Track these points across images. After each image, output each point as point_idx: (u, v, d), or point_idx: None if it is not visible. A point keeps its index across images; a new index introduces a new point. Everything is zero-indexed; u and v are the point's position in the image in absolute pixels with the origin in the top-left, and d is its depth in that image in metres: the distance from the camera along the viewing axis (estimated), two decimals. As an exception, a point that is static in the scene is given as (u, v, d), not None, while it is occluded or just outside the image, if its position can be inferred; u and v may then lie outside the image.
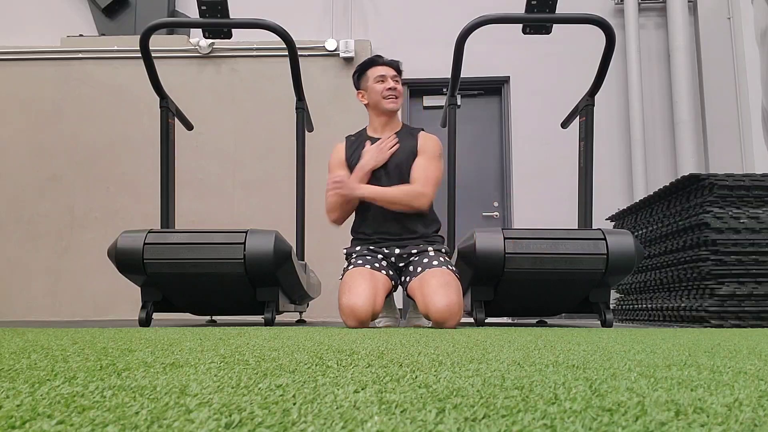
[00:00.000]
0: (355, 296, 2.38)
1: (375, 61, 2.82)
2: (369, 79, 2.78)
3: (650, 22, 5.67)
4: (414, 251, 2.66)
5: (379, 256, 2.67)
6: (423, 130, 2.86)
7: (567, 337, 1.73)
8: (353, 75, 2.87)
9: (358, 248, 2.73)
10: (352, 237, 2.83)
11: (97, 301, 5.17)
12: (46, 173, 5.36)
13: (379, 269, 2.60)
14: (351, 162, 2.76)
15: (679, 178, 3.71)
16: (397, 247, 2.67)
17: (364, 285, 2.44)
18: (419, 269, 2.58)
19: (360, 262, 2.62)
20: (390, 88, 2.74)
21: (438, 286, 2.40)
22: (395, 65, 2.85)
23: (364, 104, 2.84)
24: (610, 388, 0.66)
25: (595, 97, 3.21)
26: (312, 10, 5.76)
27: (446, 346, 1.32)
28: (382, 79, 2.77)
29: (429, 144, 2.74)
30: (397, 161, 2.72)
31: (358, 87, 2.86)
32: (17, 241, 5.28)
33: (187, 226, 4.94)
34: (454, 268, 2.62)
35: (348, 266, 2.66)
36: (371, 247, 2.69)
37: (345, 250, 2.81)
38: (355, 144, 2.82)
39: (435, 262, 2.57)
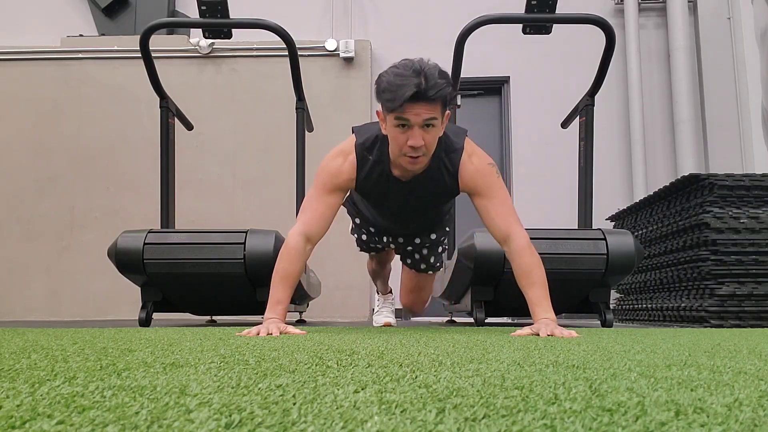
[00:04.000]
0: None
1: (403, 96, 1.73)
2: (390, 114, 1.82)
3: (650, 22, 5.67)
4: (409, 248, 2.62)
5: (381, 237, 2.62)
6: (464, 144, 2.03)
7: (567, 337, 1.73)
8: (375, 86, 1.86)
9: (358, 220, 2.57)
10: (351, 204, 2.52)
11: (97, 301, 5.17)
12: (46, 173, 5.36)
13: (383, 248, 2.70)
14: (364, 190, 2.11)
15: (679, 178, 3.71)
16: (394, 242, 2.62)
17: (386, 267, 2.94)
18: (408, 261, 2.66)
19: (364, 238, 2.60)
20: (414, 147, 1.82)
21: (407, 291, 2.84)
22: (440, 98, 1.78)
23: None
24: (610, 388, 0.66)
25: (595, 97, 3.20)
26: (312, 10, 5.76)
27: (446, 346, 1.32)
28: (405, 127, 1.81)
29: (483, 179, 2.00)
30: (418, 203, 2.17)
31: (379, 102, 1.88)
32: (17, 241, 5.28)
33: (187, 226, 4.94)
34: (438, 268, 2.67)
35: (355, 232, 2.62)
36: (372, 230, 2.56)
37: (347, 210, 2.57)
38: (374, 172, 2.02)
39: (422, 266, 2.64)
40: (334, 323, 3.82)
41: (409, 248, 2.60)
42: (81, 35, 5.68)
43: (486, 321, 3.01)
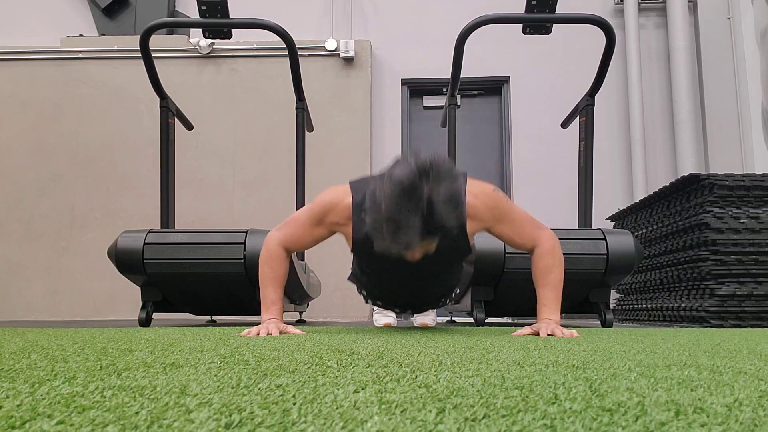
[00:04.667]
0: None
1: (398, 253, 1.60)
2: None
3: (650, 22, 5.67)
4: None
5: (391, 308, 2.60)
6: (465, 193, 1.83)
7: (567, 337, 1.73)
8: (365, 211, 1.61)
9: (365, 292, 2.38)
10: (355, 277, 2.34)
11: (97, 301, 5.17)
12: (46, 173, 5.36)
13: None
14: (362, 254, 1.97)
15: (679, 178, 3.71)
16: (404, 313, 2.62)
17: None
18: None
19: (370, 303, 2.49)
20: (411, 259, 1.74)
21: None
22: (434, 235, 1.58)
23: None
24: (610, 388, 0.66)
25: (595, 97, 3.21)
26: (312, 10, 5.76)
27: (446, 346, 1.32)
28: None
29: (492, 213, 1.90)
30: (433, 263, 1.88)
31: None
32: (17, 241, 5.28)
33: (187, 226, 4.94)
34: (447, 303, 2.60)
35: (364, 297, 2.44)
36: (379, 303, 2.46)
37: (351, 282, 2.41)
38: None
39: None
40: (334, 323, 3.82)
41: (422, 311, 2.60)
42: (81, 35, 5.68)
43: (486, 321, 3.01)
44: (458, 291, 2.61)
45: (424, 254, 1.73)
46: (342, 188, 1.93)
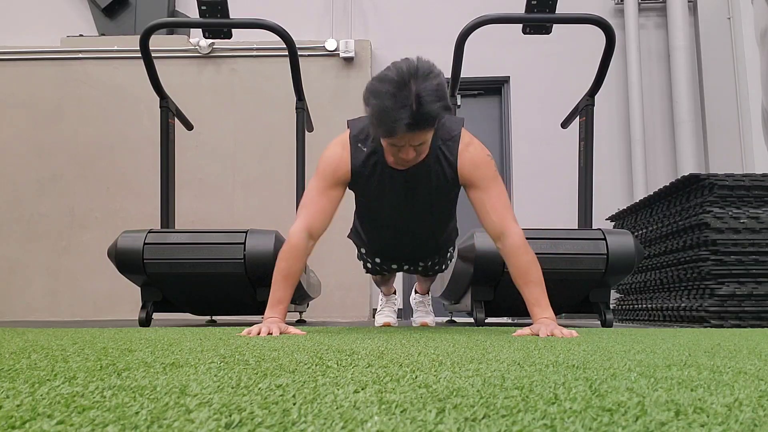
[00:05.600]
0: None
1: (395, 131, 1.70)
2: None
3: (650, 22, 5.67)
4: (416, 270, 2.65)
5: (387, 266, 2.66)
6: (461, 131, 2.00)
7: (567, 337, 1.73)
8: (364, 99, 1.76)
9: (364, 250, 2.53)
10: (355, 232, 2.49)
11: (97, 301, 5.17)
12: (46, 173, 5.36)
13: (390, 273, 2.76)
14: (361, 183, 2.01)
15: (679, 178, 3.71)
16: (400, 269, 2.65)
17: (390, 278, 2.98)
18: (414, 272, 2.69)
19: (370, 266, 2.59)
20: (405, 159, 1.86)
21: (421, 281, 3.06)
22: (430, 124, 1.74)
23: None
24: (610, 388, 0.66)
25: (595, 97, 3.20)
26: (312, 10, 5.76)
27: (446, 346, 1.32)
28: (398, 146, 1.81)
29: (479, 170, 1.96)
30: (419, 198, 2.04)
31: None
32: (17, 241, 5.28)
33: (187, 226, 4.94)
34: (443, 270, 2.69)
35: (361, 259, 2.59)
36: (377, 260, 2.55)
37: (351, 239, 2.56)
38: (368, 163, 1.96)
39: (429, 273, 2.69)
40: (334, 323, 3.82)
41: (417, 269, 2.63)
42: (81, 35, 5.68)
43: (486, 321, 3.01)
44: (451, 251, 2.62)
45: (416, 175, 1.92)
46: (338, 139, 2.03)
